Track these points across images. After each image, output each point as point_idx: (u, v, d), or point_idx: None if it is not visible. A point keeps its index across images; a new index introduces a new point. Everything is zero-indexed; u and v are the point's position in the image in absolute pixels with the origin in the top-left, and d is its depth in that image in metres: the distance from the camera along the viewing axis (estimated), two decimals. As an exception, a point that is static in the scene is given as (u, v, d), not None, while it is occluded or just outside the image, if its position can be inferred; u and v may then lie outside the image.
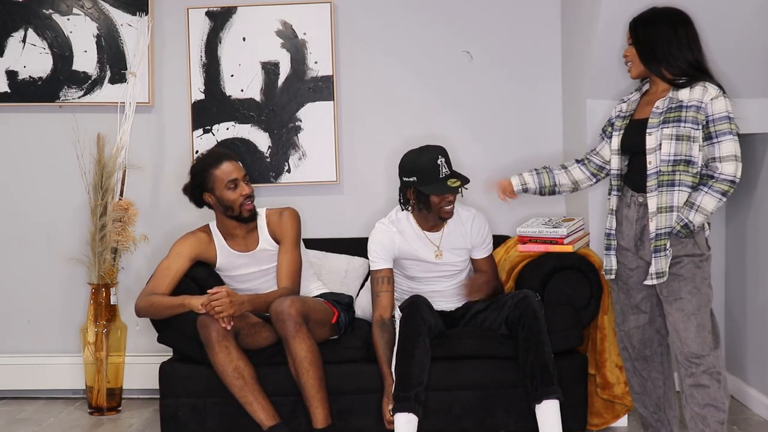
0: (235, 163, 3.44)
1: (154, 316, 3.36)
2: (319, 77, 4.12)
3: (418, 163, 3.26)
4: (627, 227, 3.03)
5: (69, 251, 4.14)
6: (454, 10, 4.15)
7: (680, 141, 2.83)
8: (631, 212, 3.01)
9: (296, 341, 3.13)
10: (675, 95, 2.89)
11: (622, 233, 3.05)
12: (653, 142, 2.88)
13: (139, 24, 4.11)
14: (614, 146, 3.06)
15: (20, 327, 4.23)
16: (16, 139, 4.21)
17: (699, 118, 2.83)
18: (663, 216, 2.87)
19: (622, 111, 3.09)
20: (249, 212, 3.42)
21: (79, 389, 4.15)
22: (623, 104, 3.12)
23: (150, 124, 4.18)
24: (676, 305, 2.89)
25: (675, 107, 2.87)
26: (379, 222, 3.45)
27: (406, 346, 3.14)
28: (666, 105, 2.89)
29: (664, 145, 2.85)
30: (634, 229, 2.99)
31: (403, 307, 3.25)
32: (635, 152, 2.97)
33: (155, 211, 4.18)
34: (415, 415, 3.06)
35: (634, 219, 2.99)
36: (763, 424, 3.52)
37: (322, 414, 3.14)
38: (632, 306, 3.07)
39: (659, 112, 2.90)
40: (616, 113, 3.12)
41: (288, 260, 3.42)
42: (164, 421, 3.36)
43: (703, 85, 2.85)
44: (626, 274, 3.06)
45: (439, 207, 3.28)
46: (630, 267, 3.05)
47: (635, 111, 3.05)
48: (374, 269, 3.37)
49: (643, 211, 2.95)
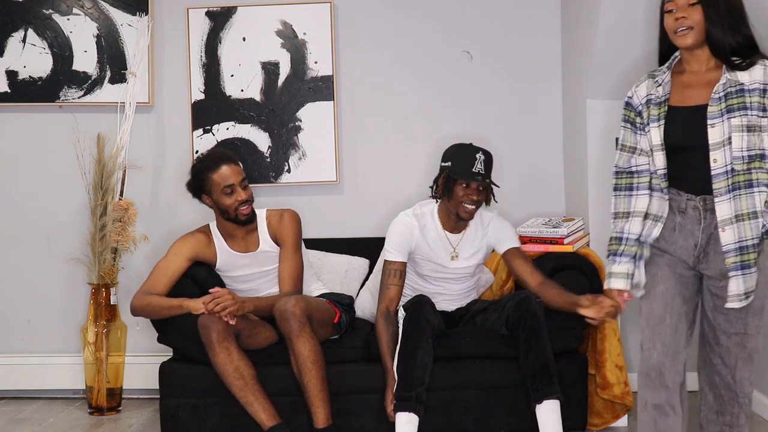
0: (233, 166, 3.42)
1: (150, 315, 3.36)
2: (319, 77, 4.12)
3: (458, 152, 3.30)
4: (683, 237, 2.54)
5: (69, 251, 4.14)
6: (455, 10, 4.15)
7: (752, 132, 2.39)
8: (689, 219, 2.52)
9: (300, 340, 3.13)
10: (733, 76, 2.43)
11: (673, 243, 2.56)
12: (719, 135, 2.41)
13: (139, 24, 4.11)
14: (655, 141, 2.52)
15: (20, 327, 4.23)
16: (16, 139, 4.21)
17: (764, 103, 2.40)
18: (746, 225, 2.43)
19: (657, 95, 2.54)
20: (245, 217, 3.41)
21: (79, 389, 4.15)
22: (657, 87, 2.55)
23: (150, 124, 4.18)
24: (735, 339, 2.54)
25: (736, 91, 2.41)
26: (402, 213, 3.43)
27: (409, 346, 3.14)
28: (725, 88, 2.42)
29: (735, 139, 2.39)
30: (697, 239, 2.52)
31: (407, 306, 3.25)
32: (684, 147, 2.49)
33: (155, 211, 4.18)
34: (416, 414, 3.07)
35: (698, 228, 2.51)
36: (763, 424, 3.52)
37: (324, 414, 3.14)
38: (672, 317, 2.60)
39: (718, 97, 2.42)
40: (643, 98, 2.58)
41: (290, 265, 3.42)
42: (164, 421, 3.36)
43: (763, 63, 2.42)
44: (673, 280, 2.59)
45: (460, 201, 3.26)
46: (680, 273, 2.60)
47: (669, 95, 2.54)
48: (388, 260, 3.36)
49: (710, 218, 2.48)
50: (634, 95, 2.61)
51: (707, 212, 2.49)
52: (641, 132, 2.58)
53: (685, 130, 2.47)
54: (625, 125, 2.62)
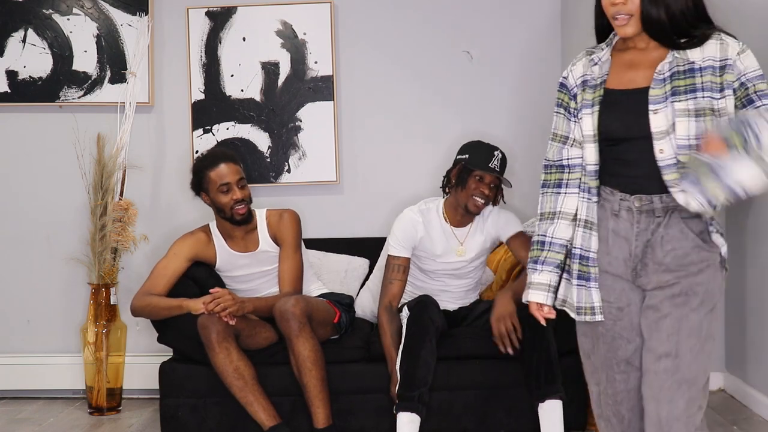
0: (232, 165, 3.42)
1: (150, 316, 3.37)
2: (319, 77, 4.12)
3: (477, 146, 3.38)
4: (616, 246, 2.11)
5: (69, 251, 4.14)
6: (455, 10, 4.15)
7: (701, 117, 2.01)
8: (622, 224, 2.11)
9: (300, 340, 3.13)
10: (681, 54, 2.06)
11: (609, 254, 2.13)
12: (663, 123, 2.03)
13: (139, 24, 4.11)
14: (587, 130, 2.13)
15: (20, 327, 4.23)
16: (16, 139, 4.20)
17: (719, 83, 2.03)
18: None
19: (593, 76, 2.16)
20: (241, 216, 3.41)
21: (79, 389, 4.15)
22: (593, 66, 2.18)
23: (150, 124, 4.18)
24: (665, 363, 2.05)
25: (684, 71, 2.04)
26: (407, 209, 3.45)
27: (412, 346, 3.14)
28: (671, 68, 2.06)
29: (679, 126, 2.01)
30: (631, 248, 2.10)
31: (411, 306, 3.26)
32: (621, 138, 2.10)
33: (155, 211, 4.18)
34: (417, 415, 3.07)
35: (632, 234, 2.10)
36: (763, 423, 3.52)
37: (324, 414, 3.14)
38: (620, 361, 2.15)
39: (663, 78, 2.06)
40: (579, 79, 2.19)
41: (290, 266, 3.43)
42: (164, 421, 3.36)
43: (719, 37, 2.06)
44: (609, 316, 2.14)
45: (471, 194, 3.29)
46: (617, 305, 2.13)
47: (608, 76, 2.15)
48: (392, 255, 3.38)
49: (646, 222, 2.09)
50: (569, 75, 2.22)
51: (642, 215, 2.08)
52: (575, 119, 2.19)
53: (622, 117, 2.09)
54: (558, 110, 2.25)
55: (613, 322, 2.14)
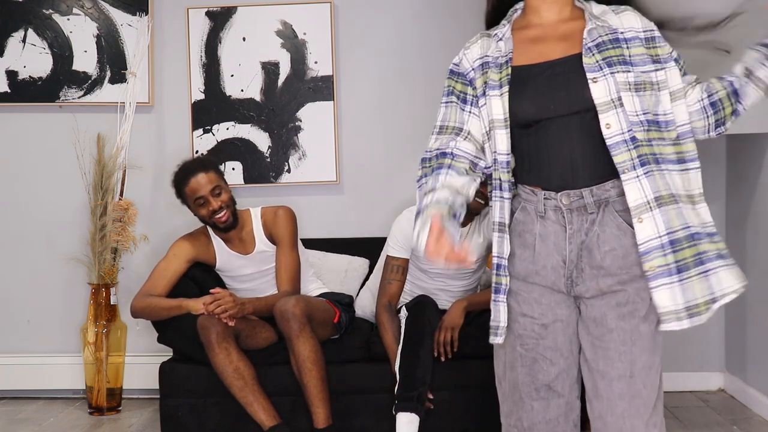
0: (204, 175, 3.36)
1: (151, 317, 3.37)
2: (319, 77, 4.12)
3: None
4: (545, 253, 1.85)
5: (69, 251, 4.14)
6: (455, 10, 4.14)
7: (642, 92, 1.79)
8: (550, 226, 1.84)
9: (300, 340, 3.13)
10: (601, 21, 1.84)
11: (535, 263, 1.86)
12: (605, 93, 1.77)
13: (139, 24, 4.11)
14: (497, 114, 1.84)
15: (20, 327, 4.23)
16: (17, 139, 4.20)
17: (651, 55, 1.82)
18: (671, 211, 1.76)
19: (497, 55, 1.89)
20: (223, 224, 3.40)
21: (79, 389, 4.15)
22: (498, 42, 1.91)
23: (150, 124, 4.18)
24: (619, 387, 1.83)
25: (610, 40, 1.81)
26: (407, 209, 3.47)
27: (411, 346, 3.15)
28: (593, 38, 1.82)
29: (626, 100, 1.77)
30: (563, 253, 1.83)
31: (409, 306, 3.27)
32: (536, 120, 1.83)
33: (155, 211, 4.18)
34: (417, 415, 3.07)
35: (563, 237, 1.83)
36: (764, 423, 3.52)
37: (324, 414, 3.14)
38: (540, 386, 1.89)
39: (590, 47, 1.81)
40: (476, 61, 1.94)
41: (286, 263, 3.42)
42: (164, 421, 3.36)
43: (632, 10, 1.88)
44: (531, 333, 1.87)
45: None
46: (542, 321, 1.87)
47: (512, 54, 1.88)
48: (390, 255, 3.39)
49: (578, 221, 1.82)
50: (463, 60, 1.98)
51: (573, 213, 1.82)
52: (473, 108, 1.92)
53: (537, 95, 1.82)
54: (449, 101, 1.98)
55: (535, 341, 1.86)
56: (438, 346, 3.21)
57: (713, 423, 3.48)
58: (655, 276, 1.75)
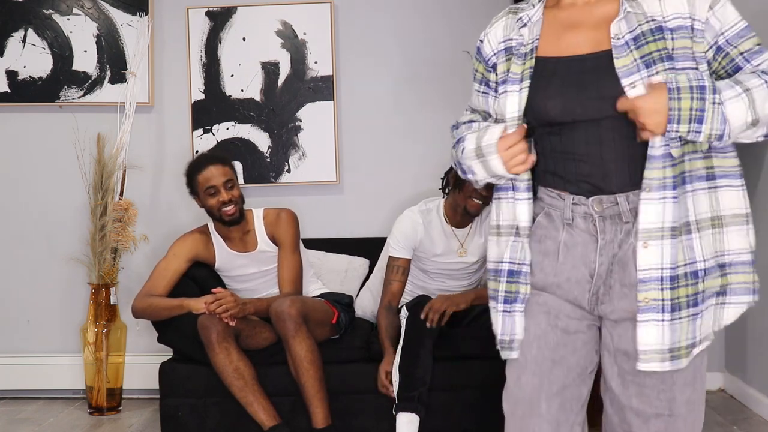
0: (219, 167, 3.40)
1: (152, 317, 3.37)
2: (319, 77, 4.12)
3: None
4: (570, 264, 1.65)
5: (69, 251, 4.14)
6: (455, 10, 4.15)
7: None
8: (579, 236, 1.64)
9: (296, 341, 3.13)
10: (636, 8, 1.56)
11: (557, 275, 1.66)
12: None
13: (139, 24, 4.11)
14: (510, 112, 1.65)
15: (20, 327, 4.23)
16: (17, 139, 4.20)
17: (696, 52, 1.55)
18: (680, 243, 1.57)
19: (521, 42, 1.68)
20: (229, 217, 3.40)
21: (79, 389, 4.15)
22: (521, 28, 1.69)
23: (150, 124, 4.18)
24: (656, 426, 1.64)
25: (652, 30, 1.54)
26: (408, 210, 3.46)
27: (411, 346, 3.15)
28: (630, 29, 1.56)
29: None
30: (593, 266, 1.63)
31: (410, 306, 3.27)
32: (562, 123, 1.62)
33: (155, 211, 4.18)
34: (417, 415, 3.07)
35: (594, 247, 1.63)
36: (764, 423, 3.52)
37: (322, 414, 3.14)
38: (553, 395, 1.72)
39: (624, 42, 1.55)
40: (498, 45, 1.73)
41: (289, 266, 3.43)
42: (164, 421, 3.36)
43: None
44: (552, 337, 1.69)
45: (469, 195, 3.27)
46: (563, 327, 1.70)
47: (539, 41, 1.66)
48: (392, 256, 3.39)
49: (611, 231, 1.62)
50: (485, 40, 1.77)
51: (606, 222, 1.61)
52: (495, 95, 1.73)
53: (563, 95, 1.59)
54: (476, 88, 1.82)
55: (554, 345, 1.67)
56: (430, 311, 3.19)
57: (713, 423, 3.48)
58: (646, 309, 1.56)
